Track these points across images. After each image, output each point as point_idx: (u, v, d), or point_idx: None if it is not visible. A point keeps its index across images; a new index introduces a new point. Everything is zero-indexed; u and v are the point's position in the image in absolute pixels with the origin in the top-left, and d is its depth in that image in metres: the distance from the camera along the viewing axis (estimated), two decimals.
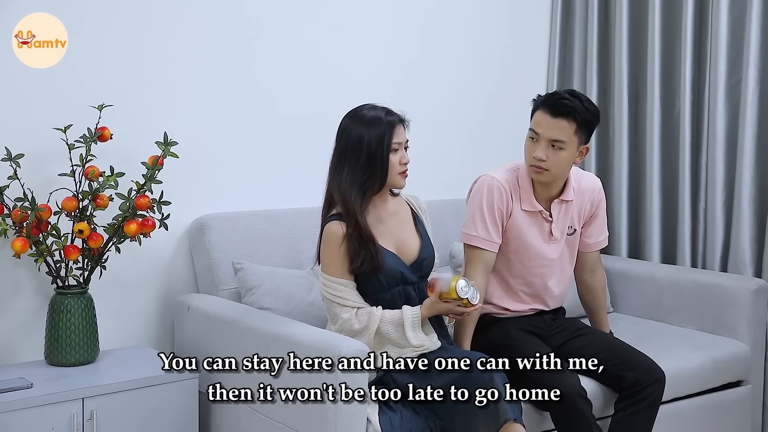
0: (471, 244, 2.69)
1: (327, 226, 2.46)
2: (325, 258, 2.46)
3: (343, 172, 2.44)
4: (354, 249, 2.42)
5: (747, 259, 3.31)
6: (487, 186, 2.69)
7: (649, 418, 2.63)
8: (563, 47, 3.92)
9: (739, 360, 3.08)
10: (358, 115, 2.48)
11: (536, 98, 2.69)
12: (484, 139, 3.74)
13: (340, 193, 2.45)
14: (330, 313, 2.48)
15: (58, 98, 2.72)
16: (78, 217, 2.64)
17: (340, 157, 2.46)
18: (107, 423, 2.48)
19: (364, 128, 2.44)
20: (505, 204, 2.69)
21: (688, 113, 3.49)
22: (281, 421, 2.46)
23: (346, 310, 2.43)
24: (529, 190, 2.71)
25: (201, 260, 2.94)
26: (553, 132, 2.60)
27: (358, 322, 2.42)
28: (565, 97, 2.61)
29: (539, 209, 2.71)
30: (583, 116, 2.60)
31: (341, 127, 2.50)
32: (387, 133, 2.44)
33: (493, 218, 2.67)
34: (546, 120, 2.61)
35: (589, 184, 2.82)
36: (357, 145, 2.43)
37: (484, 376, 2.31)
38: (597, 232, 2.86)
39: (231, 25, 3.07)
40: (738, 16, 3.36)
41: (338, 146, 2.48)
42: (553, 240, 2.75)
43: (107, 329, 2.80)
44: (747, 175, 3.30)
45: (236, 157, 3.10)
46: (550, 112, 2.60)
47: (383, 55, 3.44)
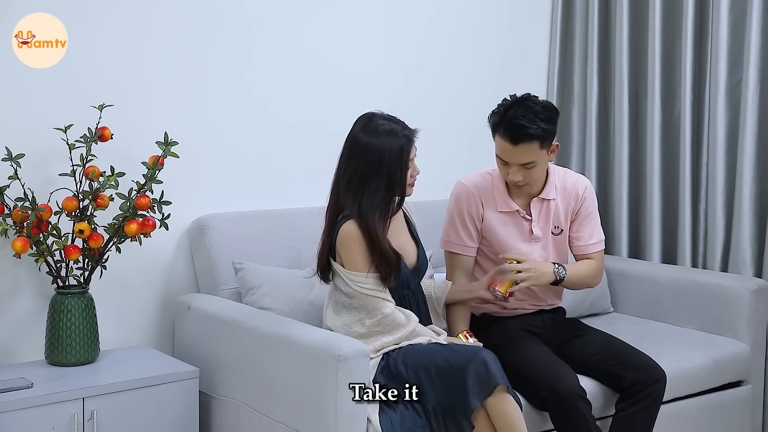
0: (446, 249, 2.78)
1: (343, 228, 2.43)
2: (352, 257, 2.43)
3: (365, 194, 2.41)
4: (371, 251, 2.42)
5: (747, 259, 3.31)
6: (456, 193, 2.76)
7: (650, 418, 2.63)
8: (563, 47, 3.92)
9: (739, 360, 3.08)
10: (371, 127, 2.45)
11: (491, 117, 2.62)
12: (485, 140, 3.71)
13: (360, 214, 2.41)
14: (367, 310, 2.45)
15: (58, 98, 2.72)
16: (78, 217, 2.64)
17: (362, 176, 2.41)
18: (107, 423, 2.49)
19: (382, 143, 2.41)
20: (474, 209, 2.72)
21: (689, 113, 3.48)
22: (281, 421, 2.46)
23: (387, 305, 2.45)
24: (503, 191, 2.73)
25: (201, 260, 2.94)
26: (521, 158, 2.59)
27: (400, 317, 2.45)
28: (519, 120, 2.53)
29: (516, 209, 2.73)
30: (543, 132, 2.56)
31: (355, 140, 2.44)
32: (405, 147, 2.44)
33: (464, 223, 2.72)
34: (509, 148, 2.58)
35: (575, 183, 2.80)
36: (378, 165, 2.40)
37: (470, 348, 2.40)
38: (587, 235, 2.81)
39: (231, 26, 3.07)
40: (738, 16, 3.36)
41: (355, 163, 2.43)
42: (534, 239, 2.75)
43: (107, 329, 2.80)
44: (747, 175, 3.29)
45: (236, 157, 3.10)
46: (509, 140, 2.56)
47: (384, 58, 3.44)
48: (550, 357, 2.62)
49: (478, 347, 2.46)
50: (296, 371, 2.39)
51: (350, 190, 2.43)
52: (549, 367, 2.54)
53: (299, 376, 2.38)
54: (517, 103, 2.59)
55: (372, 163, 2.41)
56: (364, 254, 2.42)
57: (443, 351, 2.40)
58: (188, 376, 2.64)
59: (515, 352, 2.58)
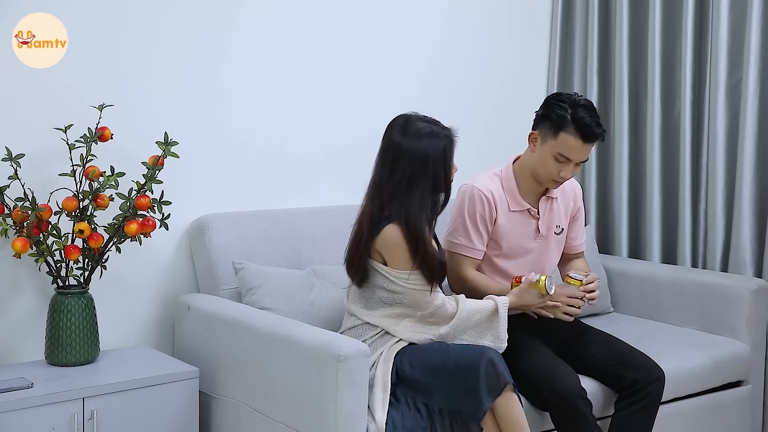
0: (453, 251, 2.76)
1: (386, 230, 2.43)
2: (398, 257, 2.44)
3: (413, 198, 2.42)
4: (414, 252, 2.43)
5: (747, 259, 3.31)
6: (469, 195, 2.74)
7: (649, 418, 2.63)
8: (563, 47, 3.92)
9: (739, 360, 3.08)
10: (412, 131, 2.45)
11: (553, 114, 2.63)
12: (485, 141, 3.73)
13: (408, 218, 2.42)
14: (419, 304, 2.47)
15: (58, 98, 2.72)
16: (78, 217, 2.64)
17: (408, 180, 2.42)
18: (107, 423, 2.49)
19: (426, 147, 2.43)
20: (488, 213, 2.72)
21: (689, 113, 3.49)
22: (281, 421, 2.46)
23: (438, 296, 2.47)
24: (514, 191, 2.75)
25: (201, 260, 2.94)
26: (584, 155, 2.67)
27: (451, 306, 2.49)
28: (594, 120, 2.61)
29: (527, 207, 2.75)
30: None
31: (399, 146, 2.44)
32: (448, 147, 2.47)
33: (476, 227, 2.72)
34: (579, 146, 2.62)
35: (572, 185, 2.89)
36: (423, 168, 2.42)
37: (476, 348, 2.41)
38: (579, 234, 2.93)
39: (231, 26, 3.07)
40: (738, 16, 3.36)
41: (401, 168, 2.43)
42: (539, 237, 2.78)
43: (107, 329, 2.80)
44: (747, 175, 3.30)
45: (236, 157, 3.10)
46: (582, 138, 2.61)
47: (384, 58, 3.44)
48: (550, 357, 2.62)
49: (482, 347, 2.45)
50: (296, 371, 2.39)
51: (397, 195, 2.44)
52: (550, 367, 2.55)
53: (299, 376, 2.38)
54: (582, 104, 2.64)
55: (418, 167, 2.43)
56: (408, 256, 2.44)
57: (450, 351, 2.42)
58: (188, 376, 2.64)
59: (516, 352, 2.57)
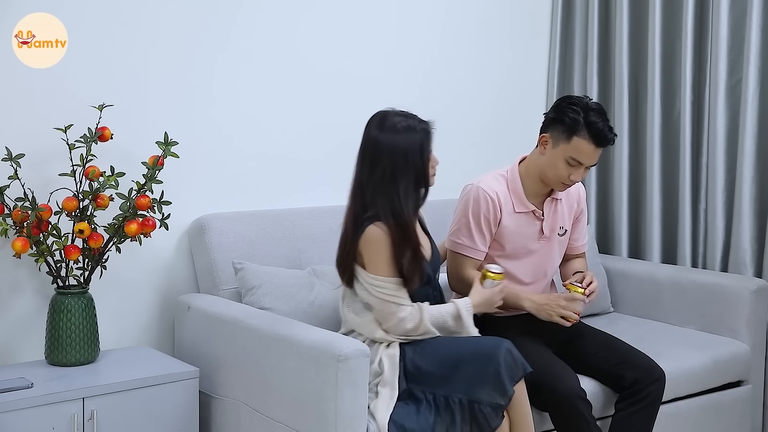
0: (455, 251, 2.76)
1: (369, 230, 2.42)
2: (374, 260, 2.43)
3: (396, 193, 2.42)
4: (400, 252, 2.42)
5: (747, 259, 3.31)
6: (474, 196, 2.73)
7: (649, 418, 2.63)
8: (563, 47, 3.92)
9: (739, 360, 3.08)
10: (389, 126, 2.45)
11: (570, 119, 2.62)
12: (485, 141, 3.73)
13: (394, 213, 2.41)
14: (382, 314, 2.46)
15: (58, 98, 2.72)
16: (78, 217, 2.64)
17: (391, 176, 2.42)
18: (107, 423, 2.48)
19: (404, 141, 2.43)
20: (492, 214, 2.71)
21: (689, 113, 3.49)
22: (281, 421, 2.46)
23: (403, 309, 2.45)
24: (520, 192, 2.74)
25: (201, 260, 2.94)
26: (595, 159, 2.67)
27: (411, 322, 2.45)
28: (605, 125, 2.62)
29: (532, 209, 2.75)
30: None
31: (377, 141, 2.44)
32: (425, 140, 2.46)
33: (480, 228, 2.71)
34: (592, 151, 2.63)
35: (576, 187, 2.87)
36: (404, 163, 2.42)
37: (489, 339, 2.43)
38: (582, 235, 2.93)
39: (231, 26, 3.07)
40: (738, 16, 3.36)
41: (382, 164, 2.42)
42: (543, 238, 2.78)
43: (107, 329, 2.80)
44: (747, 175, 3.30)
45: (236, 157, 3.10)
46: (595, 142, 2.62)
47: (384, 58, 3.44)
48: (550, 357, 2.62)
49: (495, 338, 2.44)
50: (296, 371, 2.39)
51: (380, 191, 2.43)
52: (549, 368, 2.55)
53: (299, 376, 2.38)
54: (593, 108, 2.64)
55: (399, 161, 2.43)
56: (387, 257, 2.42)
57: (462, 342, 2.44)
58: (188, 376, 2.64)
59: None
